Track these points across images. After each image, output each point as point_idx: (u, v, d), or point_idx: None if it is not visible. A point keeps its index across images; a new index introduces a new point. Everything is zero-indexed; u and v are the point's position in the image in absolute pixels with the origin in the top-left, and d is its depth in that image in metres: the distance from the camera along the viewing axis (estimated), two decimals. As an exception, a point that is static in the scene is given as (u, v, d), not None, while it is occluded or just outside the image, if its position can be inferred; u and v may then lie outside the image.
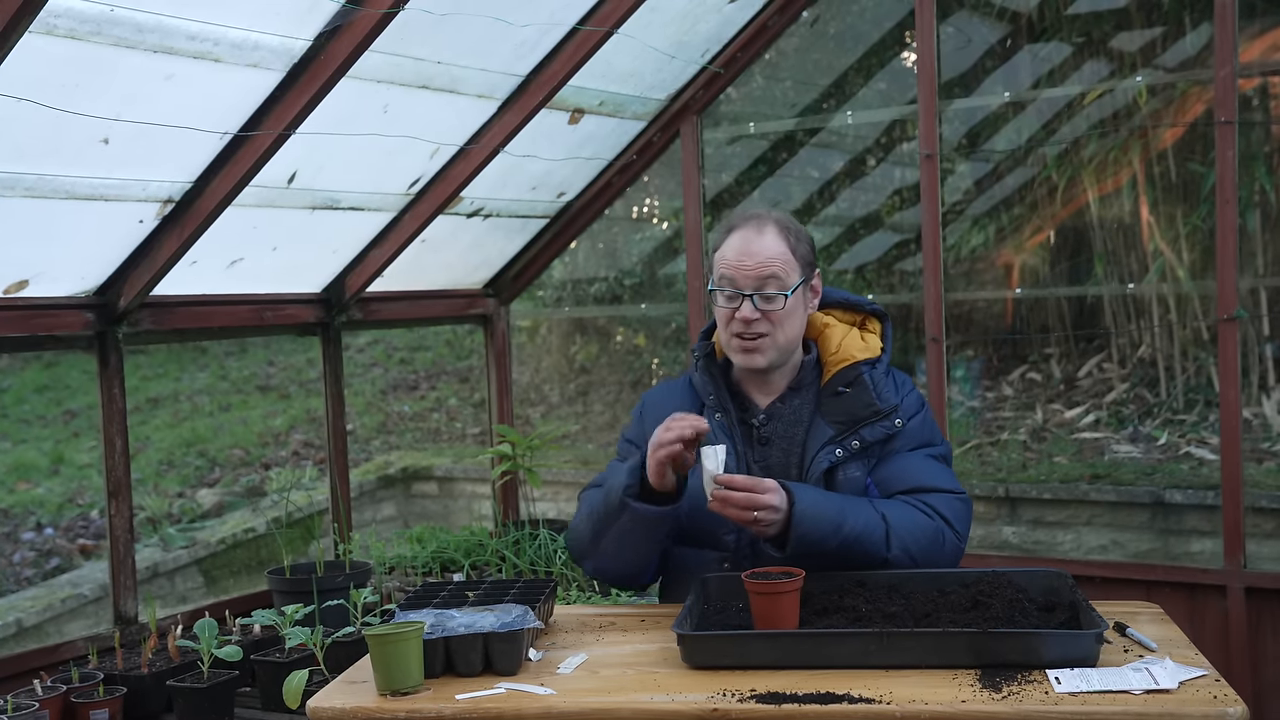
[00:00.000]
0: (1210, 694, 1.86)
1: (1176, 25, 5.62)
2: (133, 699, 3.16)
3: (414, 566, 4.15)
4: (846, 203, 6.72)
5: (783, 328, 2.50)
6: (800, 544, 2.33)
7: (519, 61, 3.93)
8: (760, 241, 2.50)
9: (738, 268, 2.49)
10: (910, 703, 1.86)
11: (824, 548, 2.34)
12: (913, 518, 2.44)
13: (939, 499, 2.49)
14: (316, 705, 2.04)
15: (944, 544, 2.46)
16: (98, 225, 3.42)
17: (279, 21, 3.14)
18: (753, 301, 2.47)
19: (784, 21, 4.57)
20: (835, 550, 2.35)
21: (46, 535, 7.15)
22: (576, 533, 2.62)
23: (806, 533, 2.32)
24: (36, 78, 2.84)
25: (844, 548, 2.35)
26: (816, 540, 2.33)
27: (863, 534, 2.37)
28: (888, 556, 2.39)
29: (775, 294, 2.47)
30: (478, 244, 4.80)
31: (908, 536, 2.41)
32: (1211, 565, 4.23)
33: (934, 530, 2.45)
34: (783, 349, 2.53)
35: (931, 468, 2.55)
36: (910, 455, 2.54)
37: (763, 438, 2.56)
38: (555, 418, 8.04)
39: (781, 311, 2.48)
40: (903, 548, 2.40)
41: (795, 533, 2.32)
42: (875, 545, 2.38)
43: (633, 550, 2.50)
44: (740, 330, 2.49)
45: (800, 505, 2.34)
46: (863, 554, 2.38)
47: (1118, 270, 6.13)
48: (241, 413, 9.30)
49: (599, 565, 2.57)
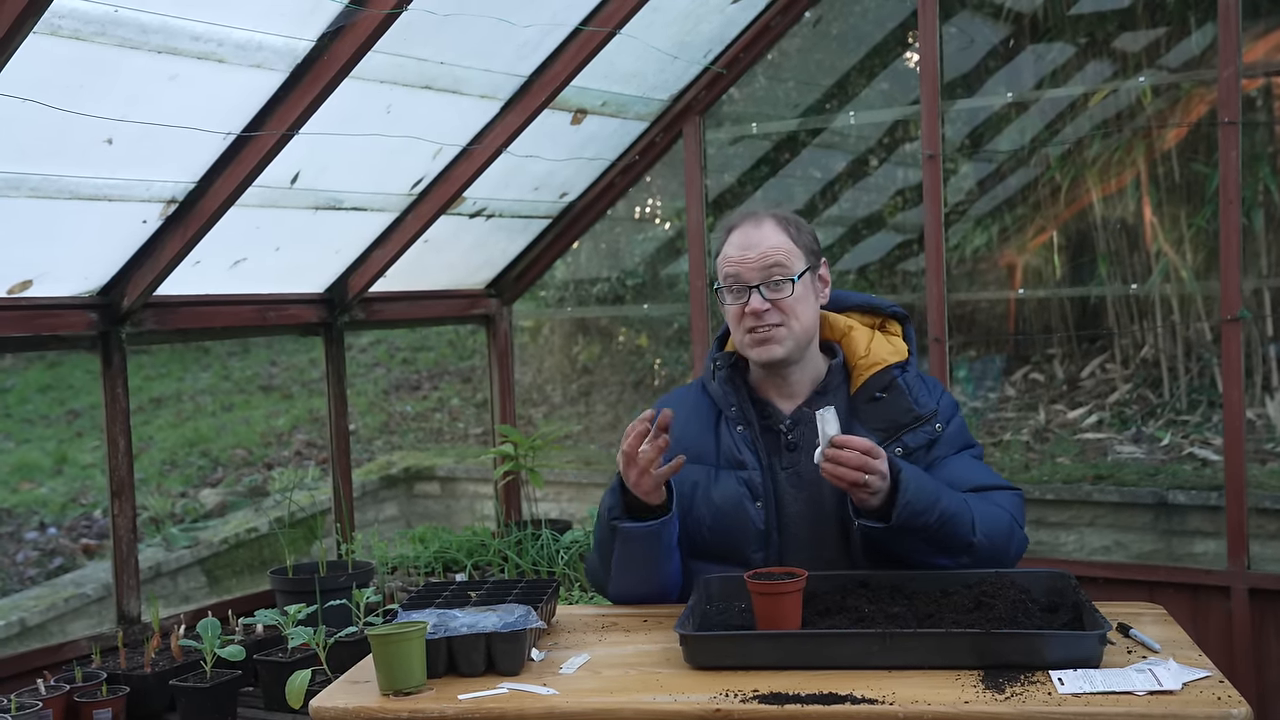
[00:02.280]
0: (1214, 695, 1.86)
1: (1180, 25, 5.61)
2: (136, 698, 3.17)
3: (416, 566, 4.16)
4: (849, 203, 6.71)
5: (795, 315, 2.46)
6: (905, 513, 2.27)
7: (521, 62, 3.93)
8: (759, 233, 2.47)
9: (740, 262, 2.46)
10: (913, 703, 1.86)
11: (925, 521, 2.29)
12: (988, 509, 2.42)
13: (1002, 496, 2.48)
14: (319, 705, 2.04)
15: (1013, 537, 2.44)
16: (101, 225, 3.42)
17: (282, 22, 3.14)
18: (760, 293, 2.43)
19: (786, 22, 4.57)
20: (933, 526, 2.30)
21: (50, 535, 7.15)
22: (591, 565, 2.60)
23: (911, 501, 2.27)
24: (41, 78, 2.84)
25: (940, 523, 2.30)
26: (920, 511, 2.28)
27: (957, 513, 2.33)
28: (973, 541, 2.35)
29: (781, 280, 2.44)
30: (480, 244, 4.80)
31: (988, 525, 2.38)
32: (1215, 566, 4.23)
33: (1008, 522, 2.43)
34: (798, 338, 2.48)
35: (983, 469, 2.54)
36: (960, 458, 2.52)
37: (790, 444, 2.51)
38: (557, 418, 8.04)
39: (791, 299, 2.44)
40: (986, 534, 2.37)
41: (902, 499, 2.26)
42: (964, 527, 2.34)
43: (641, 571, 2.45)
44: (753, 325, 2.45)
45: (906, 473, 2.29)
46: (954, 534, 2.33)
47: (1121, 271, 6.13)
48: (244, 413, 9.30)
49: (618, 592, 2.53)
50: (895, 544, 2.33)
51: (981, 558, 2.37)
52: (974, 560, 2.37)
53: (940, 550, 2.35)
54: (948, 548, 2.34)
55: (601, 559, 2.51)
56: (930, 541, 2.33)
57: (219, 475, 8.11)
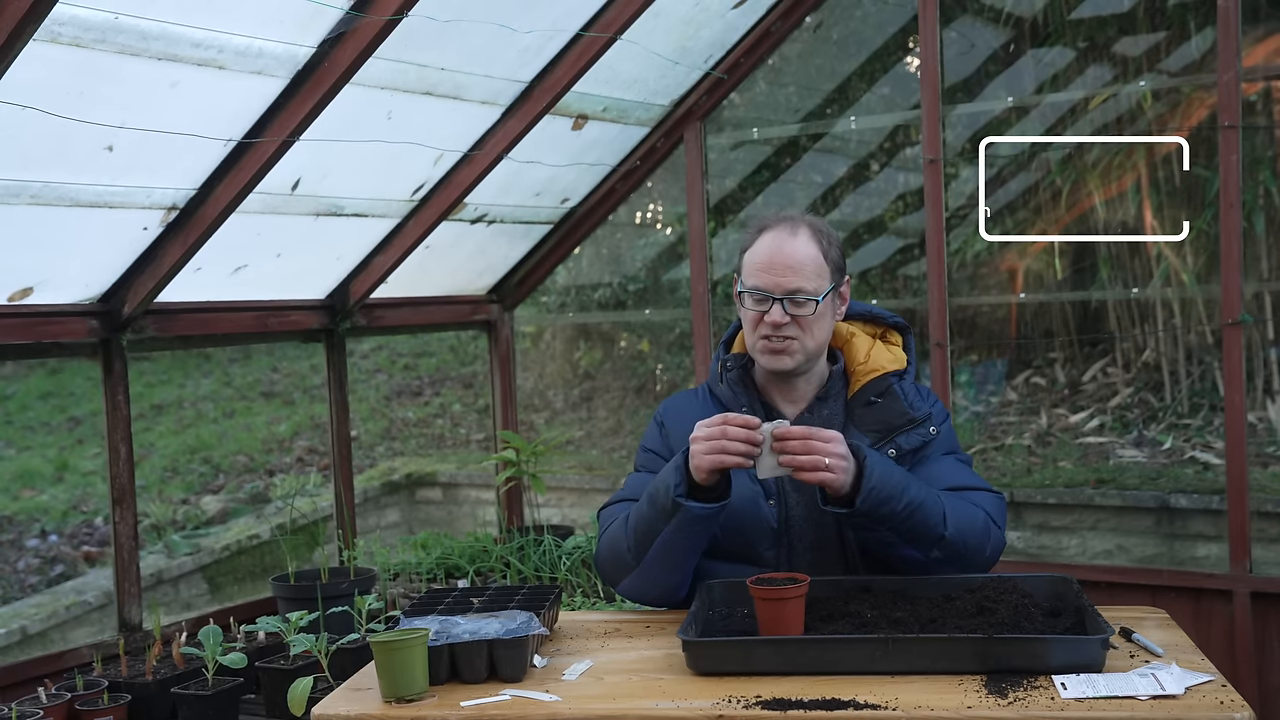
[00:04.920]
0: (1216, 699, 1.86)
1: (1180, 30, 5.62)
2: (137, 706, 3.16)
3: (418, 573, 4.15)
4: (850, 208, 6.72)
5: (811, 333, 2.46)
6: (871, 499, 2.26)
7: (522, 68, 3.93)
8: (793, 244, 2.45)
9: (769, 271, 2.44)
10: (916, 709, 1.86)
11: (891, 508, 2.28)
12: (962, 505, 2.41)
13: (979, 496, 2.48)
14: (321, 712, 2.04)
15: (989, 535, 2.43)
16: (102, 232, 3.42)
17: (283, 29, 3.14)
18: (783, 306, 2.43)
19: (787, 27, 4.57)
20: (900, 514, 2.29)
21: (51, 542, 7.15)
22: (612, 551, 2.49)
23: (877, 486, 2.26)
24: (41, 85, 2.85)
25: (908, 512, 2.29)
26: (886, 497, 2.27)
27: (926, 503, 2.32)
28: (944, 534, 2.34)
29: (806, 299, 2.43)
30: (481, 250, 4.80)
31: (961, 521, 2.38)
32: (1217, 570, 4.22)
33: (983, 521, 2.43)
34: (810, 354, 2.49)
35: (965, 470, 2.55)
36: (944, 459, 2.53)
37: None
38: (559, 424, 8.04)
39: (811, 317, 2.44)
40: (957, 529, 2.36)
41: (866, 484, 2.25)
42: (935, 519, 2.33)
43: (678, 558, 2.41)
44: (768, 334, 2.45)
45: (871, 459, 2.29)
46: (923, 525, 2.32)
47: (1122, 275, 6.13)
48: (245, 419, 9.30)
49: (639, 583, 2.47)
50: (866, 533, 2.33)
51: (952, 553, 2.36)
52: (945, 555, 2.36)
53: (909, 541, 2.33)
54: (916, 539, 2.33)
55: (636, 545, 2.42)
56: (898, 531, 2.32)
57: (220, 482, 8.11)
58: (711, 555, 2.50)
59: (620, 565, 2.47)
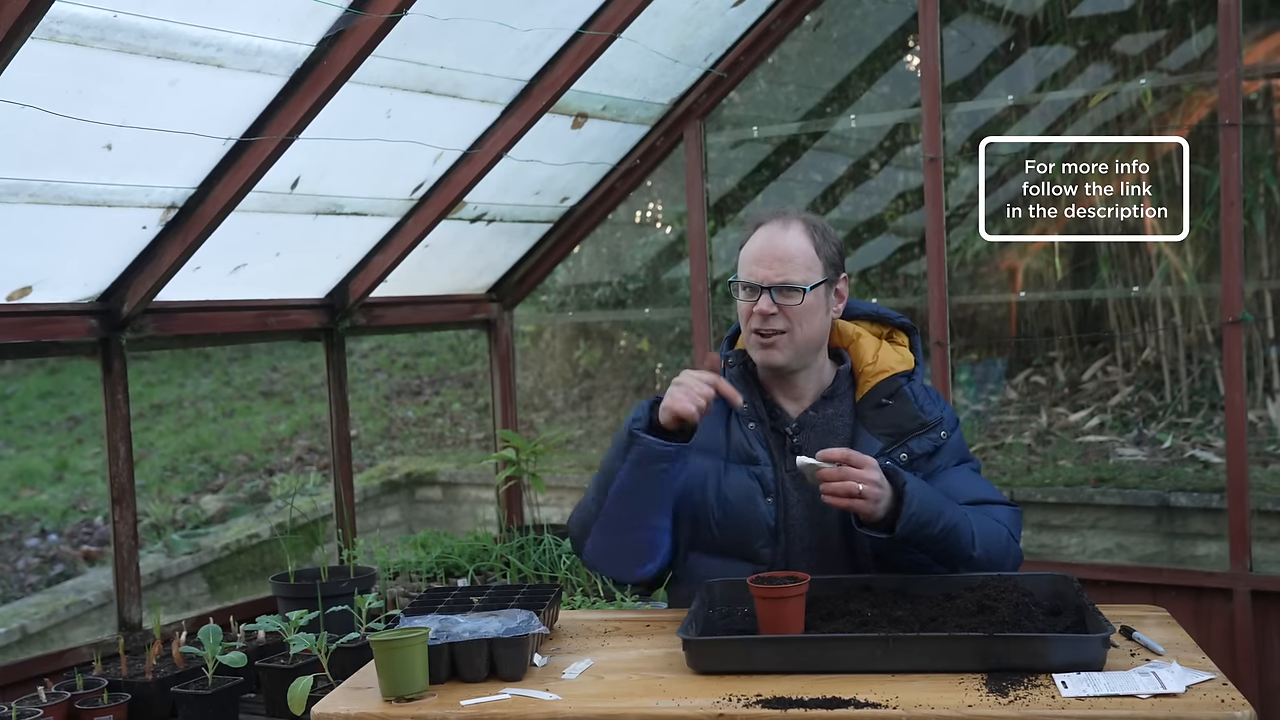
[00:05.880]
0: (1217, 698, 1.86)
1: (1180, 28, 5.61)
2: (137, 705, 3.16)
3: (418, 572, 4.15)
4: (850, 206, 6.71)
5: (800, 325, 2.45)
6: (911, 524, 2.26)
7: (522, 66, 3.93)
8: (784, 237, 2.47)
9: (759, 263, 2.46)
10: (916, 707, 1.86)
11: (929, 532, 2.28)
12: (987, 523, 2.42)
13: (999, 511, 2.48)
14: (321, 711, 2.04)
15: (1009, 551, 2.44)
16: (101, 231, 3.42)
17: (282, 27, 3.14)
18: (770, 296, 2.43)
19: (787, 25, 4.57)
20: (937, 537, 2.29)
21: (51, 542, 7.15)
22: (581, 507, 2.49)
23: (917, 512, 2.26)
24: (40, 84, 2.84)
25: (944, 535, 2.30)
26: (925, 522, 2.27)
27: (959, 525, 2.33)
28: (973, 555, 2.35)
29: (793, 289, 2.43)
30: (481, 249, 4.80)
31: (987, 539, 2.38)
32: (1217, 568, 4.22)
33: (1005, 537, 2.44)
34: (799, 348, 2.48)
35: (982, 483, 2.54)
36: (959, 470, 2.52)
37: (795, 447, 2.50)
38: (559, 423, 8.04)
39: (799, 308, 2.44)
40: (985, 548, 2.37)
41: (908, 510, 2.25)
42: (966, 540, 2.34)
43: (636, 507, 2.38)
44: (758, 325, 2.46)
45: (911, 484, 2.29)
46: (956, 546, 2.32)
47: (1122, 273, 6.12)
48: (245, 418, 9.30)
49: (601, 540, 2.43)
50: (897, 554, 2.33)
51: (978, 570, 2.37)
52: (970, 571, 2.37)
53: (941, 561, 2.35)
54: (948, 559, 2.35)
55: (599, 487, 2.42)
56: (932, 553, 2.33)
57: (220, 481, 8.11)
58: (708, 551, 2.49)
59: (585, 515, 2.47)
